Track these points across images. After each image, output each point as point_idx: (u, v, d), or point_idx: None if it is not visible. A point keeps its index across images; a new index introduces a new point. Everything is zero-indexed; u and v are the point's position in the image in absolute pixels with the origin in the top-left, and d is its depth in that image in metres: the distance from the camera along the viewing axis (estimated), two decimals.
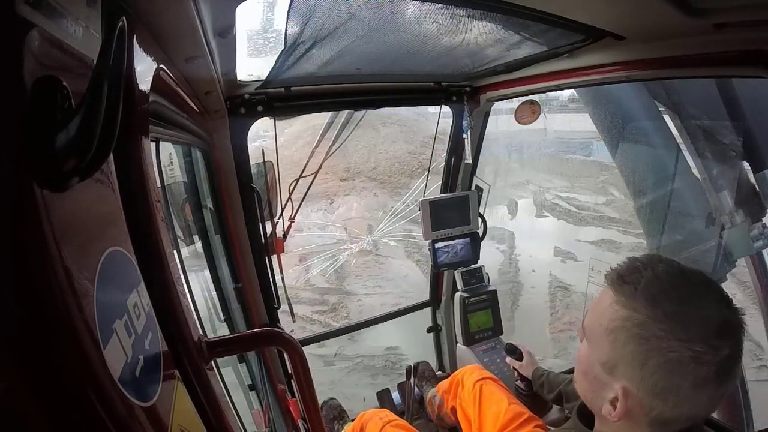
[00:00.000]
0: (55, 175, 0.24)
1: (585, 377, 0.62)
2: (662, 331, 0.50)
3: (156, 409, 0.31)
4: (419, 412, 1.81)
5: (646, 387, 0.52)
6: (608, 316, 0.56)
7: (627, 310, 0.54)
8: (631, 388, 0.53)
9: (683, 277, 0.55)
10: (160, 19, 0.49)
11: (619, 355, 0.54)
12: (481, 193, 1.85)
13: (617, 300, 0.55)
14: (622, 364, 0.54)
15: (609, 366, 0.56)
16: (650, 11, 0.70)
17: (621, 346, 0.54)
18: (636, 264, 0.57)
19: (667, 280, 0.54)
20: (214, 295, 1.43)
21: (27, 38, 0.22)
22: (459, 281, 1.89)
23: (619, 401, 0.54)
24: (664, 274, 0.54)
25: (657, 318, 0.51)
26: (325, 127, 5.35)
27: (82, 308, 0.24)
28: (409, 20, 0.79)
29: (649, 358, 0.51)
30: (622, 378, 0.54)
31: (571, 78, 1.18)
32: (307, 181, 1.53)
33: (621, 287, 0.55)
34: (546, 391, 1.32)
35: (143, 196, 0.38)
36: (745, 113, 1.50)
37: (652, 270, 0.55)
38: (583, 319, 0.63)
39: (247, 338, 0.74)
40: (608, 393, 0.56)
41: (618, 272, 0.58)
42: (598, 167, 8.34)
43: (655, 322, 0.51)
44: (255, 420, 1.40)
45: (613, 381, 0.55)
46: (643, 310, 0.52)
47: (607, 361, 0.56)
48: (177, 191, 1.25)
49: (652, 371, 0.51)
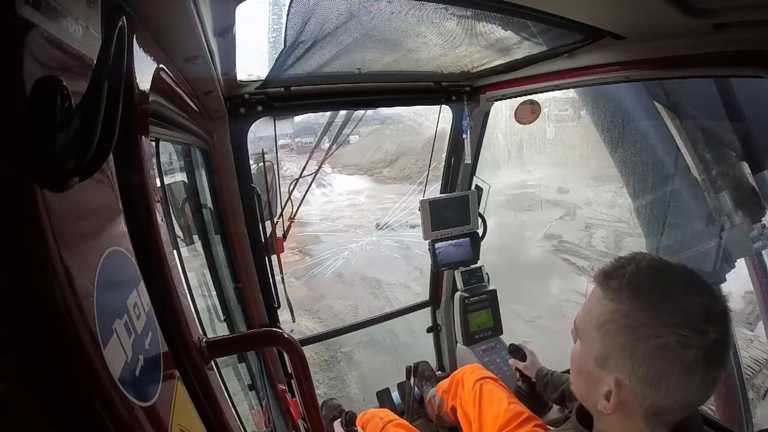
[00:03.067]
0: (55, 175, 0.24)
1: (579, 375, 0.63)
2: (648, 319, 0.52)
3: (156, 409, 0.31)
4: (419, 411, 1.81)
5: (637, 376, 0.53)
6: (597, 311, 0.58)
7: (614, 303, 0.56)
8: (623, 379, 0.55)
9: (666, 268, 0.57)
10: (160, 19, 0.49)
11: (610, 348, 0.56)
12: (481, 193, 1.85)
13: (604, 295, 0.57)
14: (613, 355, 0.55)
15: (601, 360, 0.57)
16: (650, 11, 0.70)
17: (611, 338, 0.55)
18: (621, 261, 0.59)
19: (650, 273, 0.56)
20: (214, 295, 1.43)
21: (27, 38, 0.22)
22: (459, 281, 1.89)
23: (612, 393, 0.56)
24: (648, 267, 0.57)
25: (642, 307, 0.53)
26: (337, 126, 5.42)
27: (82, 308, 0.24)
28: (409, 20, 0.79)
29: (637, 346, 0.53)
30: (614, 370, 0.56)
31: (571, 78, 1.18)
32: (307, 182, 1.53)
33: (607, 283, 0.58)
34: (549, 392, 1.32)
35: (143, 196, 0.38)
36: (744, 113, 1.50)
37: (635, 264, 0.57)
38: (575, 320, 0.64)
39: (247, 338, 0.74)
40: (602, 387, 0.57)
41: (604, 270, 0.60)
42: None
43: (641, 311, 0.53)
44: (255, 420, 1.40)
45: (605, 374, 0.57)
46: (628, 301, 0.54)
47: (599, 356, 0.57)
48: (177, 191, 1.25)
49: (642, 359, 0.52)
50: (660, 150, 1.88)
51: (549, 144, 9.95)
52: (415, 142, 13.16)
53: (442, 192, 1.90)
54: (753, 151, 1.55)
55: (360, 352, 5.02)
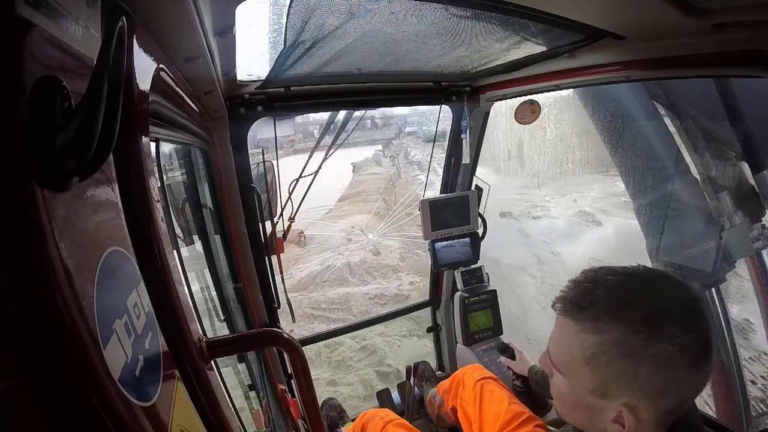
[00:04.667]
0: (55, 175, 0.24)
1: (576, 409, 0.59)
2: (642, 340, 0.50)
3: (156, 409, 0.31)
4: (419, 411, 1.81)
5: (646, 394, 0.51)
6: (579, 345, 0.55)
7: (596, 335, 0.53)
8: (631, 401, 0.52)
9: (634, 280, 0.55)
10: (160, 19, 0.49)
11: (607, 378, 0.53)
12: (481, 193, 1.86)
13: (582, 328, 0.54)
14: (612, 384, 0.53)
15: (599, 391, 0.54)
16: (650, 11, 0.70)
17: (605, 368, 0.53)
18: (585, 286, 0.56)
19: (623, 291, 0.54)
20: (214, 295, 1.43)
21: (27, 38, 0.22)
22: (459, 281, 1.89)
23: (625, 417, 0.53)
24: (617, 285, 0.54)
25: (632, 330, 0.51)
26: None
27: (82, 308, 0.24)
28: (409, 20, 0.79)
29: (639, 368, 0.50)
30: (618, 397, 0.53)
31: (571, 78, 1.18)
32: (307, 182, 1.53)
33: (580, 314, 0.55)
34: (544, 391, 1.34)
35: (143, 196, 0.38)
36: (744, 113, 1.50)
37: (603, 286, 0.54)
38: (548, 355, 0.61)
39: (247, 338, 0.74)
40: (608, 414, 0.55)
41: (569, 300, 0.57)
42: None
43: (632, 334, 0.50)
44: (255, 420, 1.40)
45: (609, 402, 0.54)
46: (613, 329, 0.52)
47: (596, 388, 0.55)
48: (177, 191, 1.25)
49: (647, 378, 0.50)
50: (660, 150, 1.88)
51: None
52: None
53: (442, 192, 1.90)
54: (753, 151, 1.55)
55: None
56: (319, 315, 5.13)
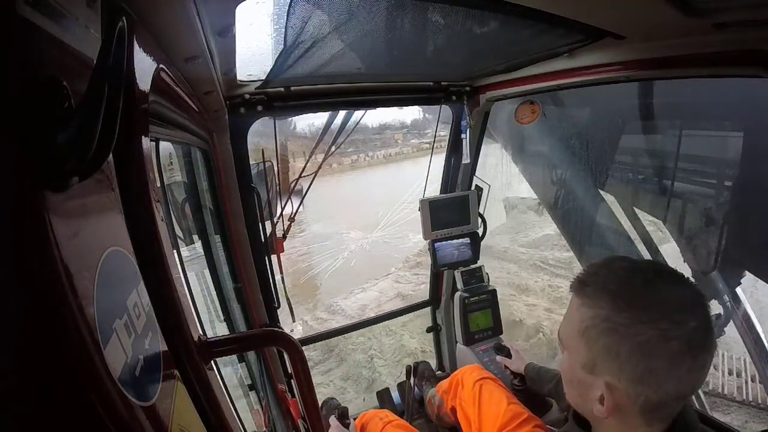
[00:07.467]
0: (56, 175, 0.24)
1: (571, 385, 0.64)
2: (627, 318, 0.53)
3: (156, 409, 0.31)
4: (419, 412, 1.81)
5: (626, 376, 0.54)
6: (577, 319, 0.59)
7: (592, 309, 0.57)
8: (613, 381, 0.56)
9: (638, 268, 0.58)
10: (160, 19, 0.49)
11: (595, 352, 0.57)
12: (481, 193, 1.85)
13: (582, 303, 0.59)
14: (599, 360, 0.56)
15: (589, 366, 0.58)
16: (650, 11, 0.70)
17: (594, 343, 0.56)
18: (593, 267, 0.61)
19: (623, 274, 0.57)
20: (214, 295, 1.43)
21: (27, 38, 0.22)
22: (459, 281, 1.89)
23: (605, 397, 0.56)
24: (620, 269, 0.58)
25: (620, 308, 0.54)
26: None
27: (82, 308, 0.24)
28: (409, 20, 0.79)
29: (621, 347, 0.53)
30: (602, 374, 0.56)
31: (571, 78, 1.18)
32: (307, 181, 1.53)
33: (583, 290, 0.59)
34: (543, 385, 1.35)
35: (143, 196, 0.38)
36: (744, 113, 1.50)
37: (607, 268, 0.59)
38: (559, 331, 0.65)
39: (247, 338, 0.74)
40: (594, 392, 0.58)
41: (579, 279, 0.62)
42: None
43: (619, 312, 0.54)
44: (255, 420, 1.40)
45: (595, 379, 0.58)
46: (605, 305, 0.56)
47: (586, 362, 0.58)
48: (177, 191, 1.25)
49: (627, 358, 0.53)
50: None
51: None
52: None
53: (442, 192, 1.90)
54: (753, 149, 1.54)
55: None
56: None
